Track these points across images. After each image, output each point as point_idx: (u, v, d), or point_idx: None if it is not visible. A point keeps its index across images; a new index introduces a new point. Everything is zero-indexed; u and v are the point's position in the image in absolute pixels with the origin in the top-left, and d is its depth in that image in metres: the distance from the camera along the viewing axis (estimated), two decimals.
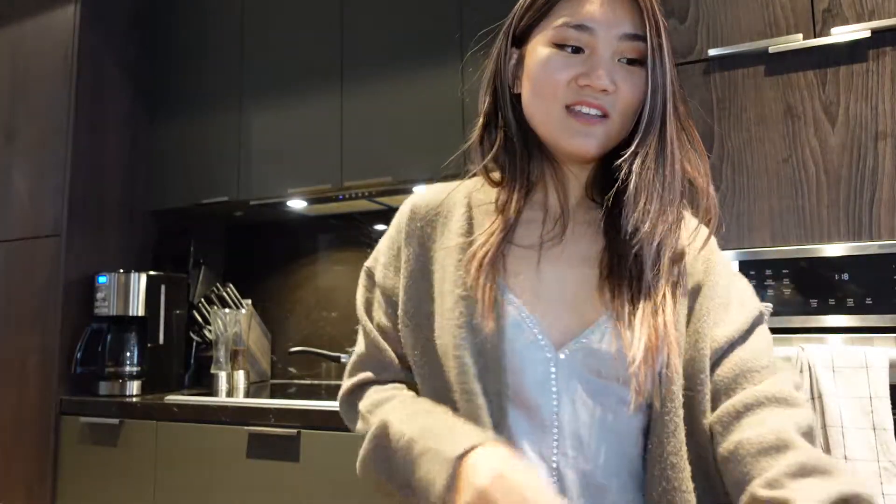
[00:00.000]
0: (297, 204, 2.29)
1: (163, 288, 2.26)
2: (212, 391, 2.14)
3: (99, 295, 2.15)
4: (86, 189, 2.23)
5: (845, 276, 1.27)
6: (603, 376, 0.68)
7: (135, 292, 2.17)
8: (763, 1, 1.40)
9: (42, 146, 2.26)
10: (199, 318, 2.39)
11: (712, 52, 1.41)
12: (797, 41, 1.34)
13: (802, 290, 1.30)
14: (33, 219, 2.23)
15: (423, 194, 0.81)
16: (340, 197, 2.17)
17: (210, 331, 2.28)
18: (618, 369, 0.67)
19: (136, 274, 2.18)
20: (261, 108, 2.25)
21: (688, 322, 0.70)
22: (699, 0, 1.45)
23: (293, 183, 2.16)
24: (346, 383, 0.82)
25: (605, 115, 0.68)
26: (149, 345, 2.21)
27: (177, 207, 2.38)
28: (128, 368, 2.15)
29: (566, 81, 0.68)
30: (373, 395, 0.77)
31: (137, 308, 2.17)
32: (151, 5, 2.50)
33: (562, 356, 0.69)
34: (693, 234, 0.73)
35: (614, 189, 0.69)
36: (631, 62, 0.69)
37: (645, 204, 0.67)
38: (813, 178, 1.33)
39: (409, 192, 1.79)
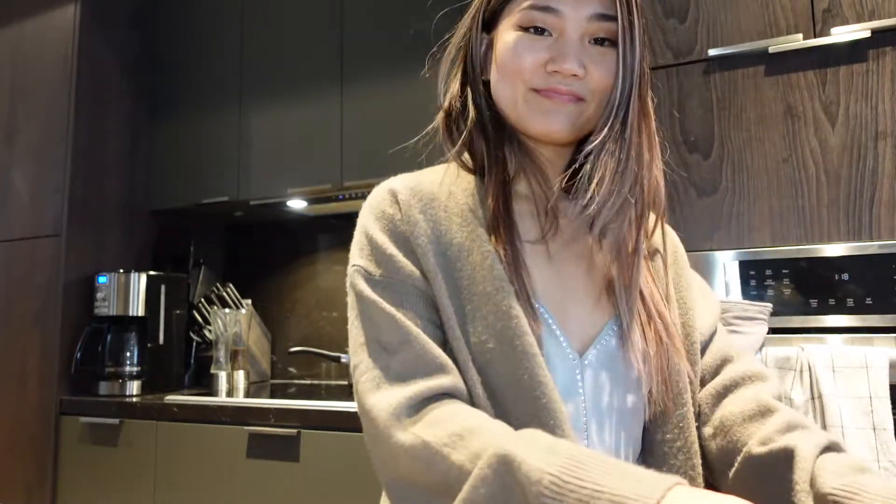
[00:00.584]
0: (297, 204, 2.29)
1: (163, 288, 2.26)
2: (212, 391, 2.14)
3: (99, 295, 2.15)
4: (86, 189, 2.23)
5: (845, 276, 1.27)
6: (620, 380, 0.68)
7: (135, 292, 2.17)
8: (763, 1, 1.40)
9: (42, 146, 2.26)
10: (199, 318, 2.39)
11: (712, 52, 1.41)
12: (797, 41, 1.34)
13: (802, 290, 1.30)
14: (33, 219, 2.23)
15: (400, 182, 0.72)
16: (340, 197, 2.17)
17: (210, 331, 2.28)
18: (629, 374, 0.67)
19: (136, 274, 2.18)
20: (261, 108, 2.25)
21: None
22: (699, 0, 1.45)
23: (293, 183, 2.16)
24: (394, 398, 0.59)
25: (579, 99, 0.65)
26: (149, 345, 2.21)
27: (177, 207, 2.38)
28: (128, 368, 2.15)
29: (532, 65, 0.65)
30: (446, 419, 0.56)
31: (137, 308, 2.17)
32: (151, 5, 2.50)
33: (585, 361, 0.66)
34: (654, 227, 0.73)
35: (578, 175, 0.65)
36: (602, 42, 0.65)
37: (596, 187, 0.63)
38: (813, 178, 1.33)
39: None
